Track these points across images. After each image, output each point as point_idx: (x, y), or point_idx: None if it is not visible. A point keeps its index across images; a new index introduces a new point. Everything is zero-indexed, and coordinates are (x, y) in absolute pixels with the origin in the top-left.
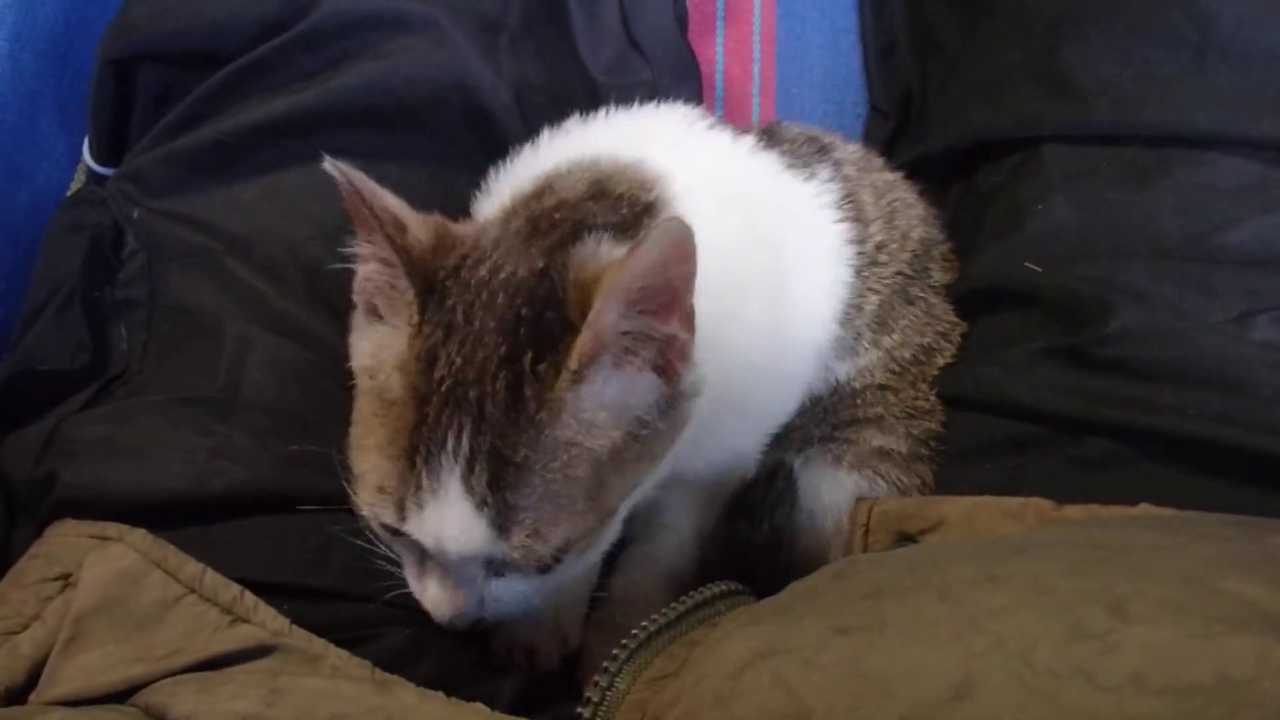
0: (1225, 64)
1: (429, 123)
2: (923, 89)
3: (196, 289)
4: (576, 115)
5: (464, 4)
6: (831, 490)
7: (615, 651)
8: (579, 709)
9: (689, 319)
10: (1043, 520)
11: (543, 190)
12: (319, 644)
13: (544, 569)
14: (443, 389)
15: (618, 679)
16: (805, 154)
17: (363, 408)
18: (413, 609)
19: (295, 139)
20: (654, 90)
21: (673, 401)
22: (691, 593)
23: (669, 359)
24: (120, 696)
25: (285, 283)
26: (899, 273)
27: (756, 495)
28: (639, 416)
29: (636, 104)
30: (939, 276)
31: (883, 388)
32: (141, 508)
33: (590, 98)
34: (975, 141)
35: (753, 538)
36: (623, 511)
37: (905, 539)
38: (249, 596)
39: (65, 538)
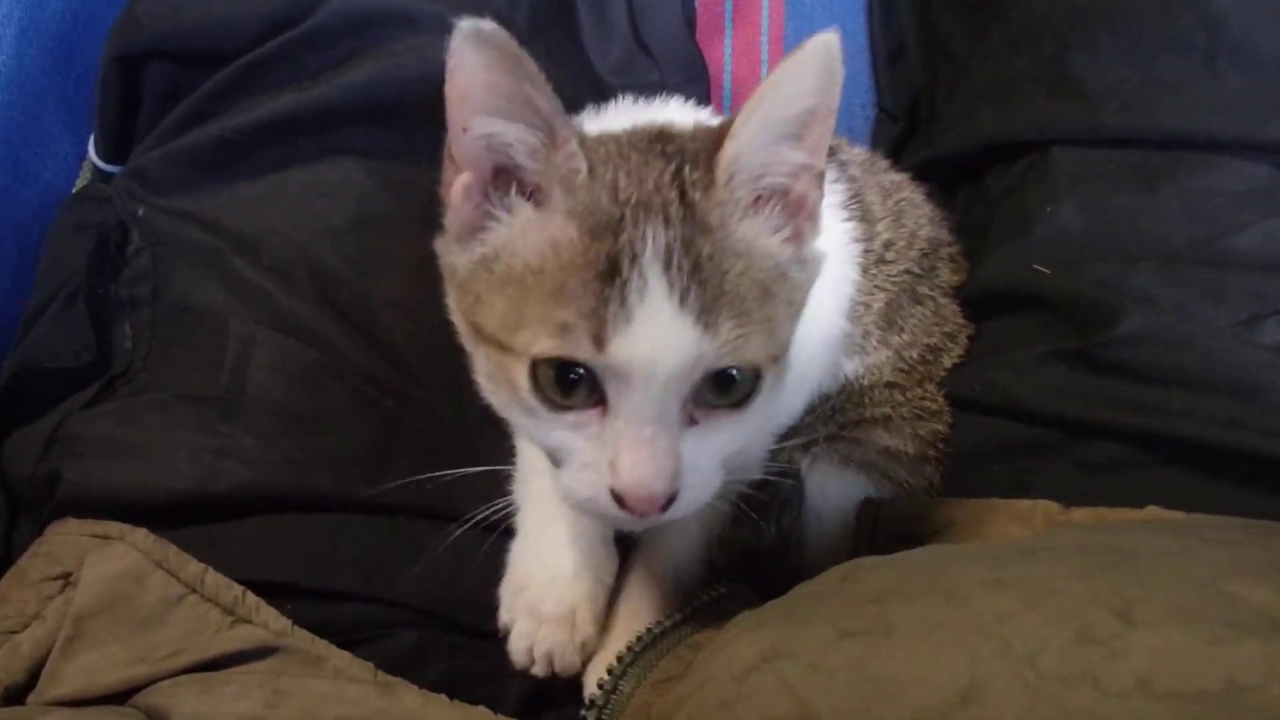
0: (1234, 68)
1: (437, 121)
2: (931, 92)
3: (201, 287)
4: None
5: (472, 4)
6: (839, 490)
7: (620, 654)
8: (583, 712)
9: (821, 177)
10: (1050, 523)
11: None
12: (321, 645)
13: (743, 399)
14: (632, 202)
15: (622, 682)
16: None
17: (505, 287)
18: (418, 610)
19: (302, 137)
20: (662, 91)
21: (802, 258)
22: (698, 592)
23: (799, 220)
24: (121, 697)
25: (291, 282)
26: (906, 271)
27: (764, 497)
28: (779, 263)
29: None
30: (947, 277)
31: (890, 385)
32: (145, 506)
33: (598, 98)
34: (984, 145)
35: (760, 540)
36: (785, 368)
37: (912, 541)
38: (251, 597)
39: (66, 536)
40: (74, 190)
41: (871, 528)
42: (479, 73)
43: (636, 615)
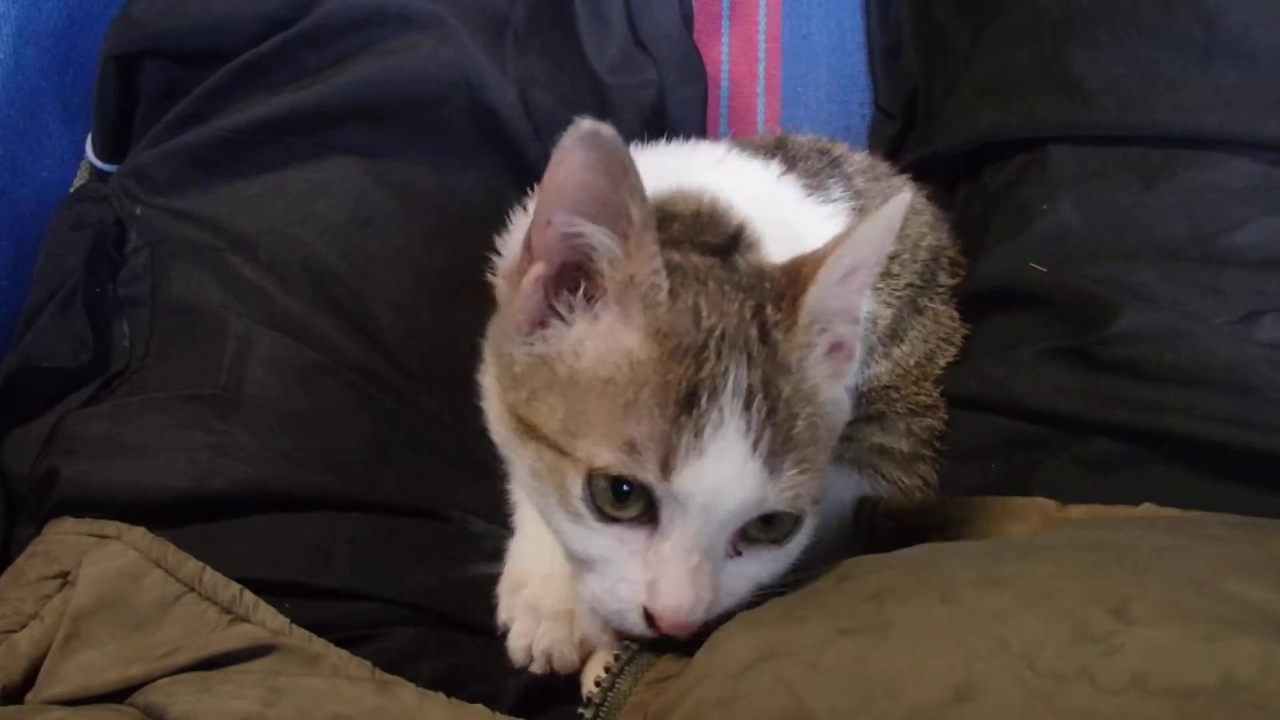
0: (1232, 65)
1: (434, 120)
2: (929, 89)
3: (199, 286)
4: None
5: (470, 1)
6: (833, 488)
7: (617, 652)
8: (580, 710)
9: (858, 319)
10: (1047, 521)
11: None
12: (319, 644)
13: (785, 534)
14: (716, 332)
15: (619, 680)
16: (817, 170)
17: (567, 389)
18: (415, 608)
19: (300, 136)
20: (660, 89)
21: (838, 400)
22: None
23: (839, 361)
24: (119, 696)
25: (289, 281)
26: (910, 284)
27: None
28: (829, 408)
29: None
30: (945, 281)
31: (886, 387)
32: (143, 505)
33: (596, 96)
34: (983, 142)
35: None
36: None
37: (910, 539)
38: (248, 595)
39: (64, 536)
40: (71, 189)
41: (869, 526)
42: (581, 172)
43: None
